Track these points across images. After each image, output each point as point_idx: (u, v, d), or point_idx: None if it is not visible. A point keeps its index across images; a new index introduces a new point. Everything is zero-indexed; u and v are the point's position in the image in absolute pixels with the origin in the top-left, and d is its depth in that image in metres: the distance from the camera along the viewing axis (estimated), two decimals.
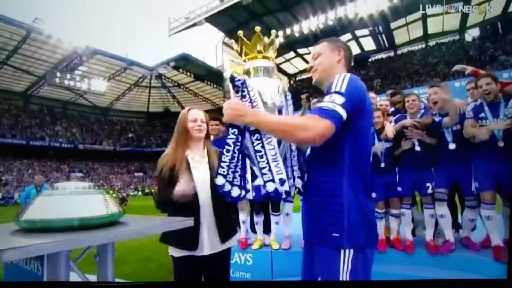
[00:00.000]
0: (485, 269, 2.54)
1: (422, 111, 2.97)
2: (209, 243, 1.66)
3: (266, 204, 3.56)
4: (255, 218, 3.56)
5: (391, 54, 30.10)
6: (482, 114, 2.55)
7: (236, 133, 1.16)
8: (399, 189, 3.00)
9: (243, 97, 1.16)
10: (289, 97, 1.30)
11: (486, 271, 2.52)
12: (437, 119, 2.88)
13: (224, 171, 1.14)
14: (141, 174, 34.31)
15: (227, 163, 1.14)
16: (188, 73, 32.03)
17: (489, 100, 2.53)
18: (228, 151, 1.15)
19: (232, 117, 1.12)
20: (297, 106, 1.59)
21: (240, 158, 1.18)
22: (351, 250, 1.11)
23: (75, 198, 1.23)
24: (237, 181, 1.17)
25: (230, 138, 1.16)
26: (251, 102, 1.16)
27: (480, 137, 2.46)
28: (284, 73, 35.55)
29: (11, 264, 1.40)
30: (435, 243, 2.90)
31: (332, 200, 1.15)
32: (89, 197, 1.26)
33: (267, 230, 3.63)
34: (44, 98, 33.15)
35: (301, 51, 31.59)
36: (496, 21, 22.15)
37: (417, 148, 2.86)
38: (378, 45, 29.69)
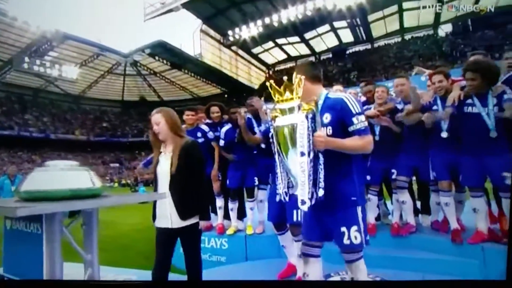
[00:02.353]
0: (442, 248, 2.74)
1: (388, 101, 3.07)
2: (172, 218, 2.07)
3: (241, 191, 3.60)
4: (230, 205, 3.59)
5: (368, 46, 30.66)
6: (435, 107, 2.70)
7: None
8: (368, 177, 3.08)
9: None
10: (316, 116, 1.64)
11: (443, 251, 2.72)
12: (400, 106, 2.98)
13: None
14: (117, 165, 33.27)
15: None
16: (165, 61, 31.15)
17: (441, 95, 2.70)
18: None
19: (320, 144, 1.55)
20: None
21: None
22: (360, 206, 1.71)
23: (65, 173, 1.52)
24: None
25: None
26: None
27: (428, 122, 2.64)
28: (263, 63, 35.46)
29: (12, 229, 1.68)
30: (399, 225, 3.06)
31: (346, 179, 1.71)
32: (77, 172, 1.57)
33: (240, 216, 3.68)
34: (12, 85, 31.14)
35: (280, 41, 31.53)
36: (466, 18, 23.03)
37: (376, 138, 2.95)
38: (356, 37, 30.13)
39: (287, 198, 1.69)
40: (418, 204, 3.31)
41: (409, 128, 2.86)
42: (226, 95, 33.90)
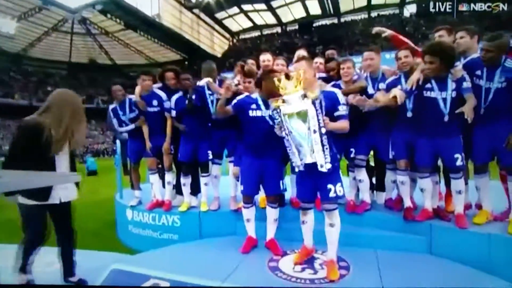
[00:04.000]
0: (393, 225, 2.81)
1: (356, 77, 2.93)
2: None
3: (194, 166, 3.37)
4: (183, 180, 3.37)
5: (335, 21, 30.67)
6: (399, 87, 2.63)
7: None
8: None
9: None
10: (317, 102, 2.03)
11: (394, 228, 2.79)
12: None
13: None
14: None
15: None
16: (118, 20, 28.45)
17: (406, 70, 2.68)
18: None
19: (327, 125, 2.09)
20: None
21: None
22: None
23: None
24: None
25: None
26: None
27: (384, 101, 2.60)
28: (227, 30, 34.04)
29: None
30: (355, 203, 3.08)
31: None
32: None
33: (194, 191, 3.46)
34: None
35: (246, 7, 30.23)
36: (429, 1, 23.67)
37: None
38: (323, 10, 29.88)
39: (301, 168, 2.14)
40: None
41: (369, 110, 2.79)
42: (186, 62, 32.28)
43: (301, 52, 3.21)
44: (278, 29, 34.41)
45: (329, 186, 2.21)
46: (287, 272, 2.34)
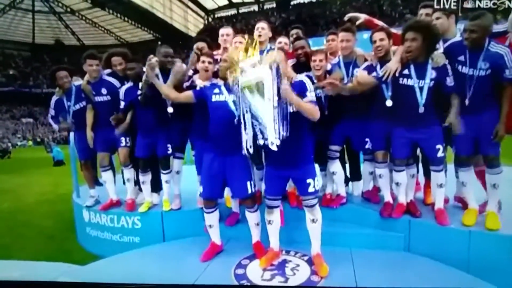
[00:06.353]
0: (370, 221, 2.65)
1: (329, 67, 2.62)
2: None
3: (154, 161, 3.03)
4: (141, 177, 3.06)
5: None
6: (374, 74, 2.39)
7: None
8: None
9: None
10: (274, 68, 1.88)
11: (371, 223, 2.64)
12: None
13: None
14: (31, 120, 28.77)
15: None
16: None
17: (380, 55, 2.42)
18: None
19: (284, 92, 1.93)
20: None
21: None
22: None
23: None
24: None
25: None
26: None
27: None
28: (201, 7, 32.56)
29: None
30: (332, 196, 2.88)
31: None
32: None
33: (155, 189, 3.16)
34: None
35: None
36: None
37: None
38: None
39: (251, 151, 2.04)
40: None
41: (344, 96, 2.53)
42: (159, 42, 30.79)
43: (262, 24, 3.00)
44: (255, 7, 33.35)
45: (308, 180, 2.12)
46: (254, 281, 2.12)
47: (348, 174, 3.07)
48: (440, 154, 2.27)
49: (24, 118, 28.86)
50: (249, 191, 2.32)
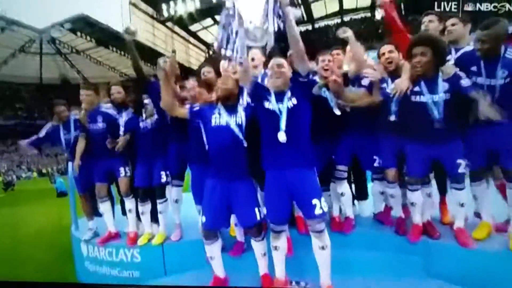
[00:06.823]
0: (384, 244, 2.45)
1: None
2: None
3: (152, 190, 2.90)
4: (141, 208, 2.94)
5: (309, 27, 31.04)
6: (384, 84, 2.32)
7: None
8: None
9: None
10: None
11: (384, 246, 2.44)
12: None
13: None
14: (35, 151, 28.89)
15: None
16: (89, 38, 27.60)
17: (390, 70, 2.31)
18: None
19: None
20: None
21: None
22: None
23: None
24: None
25: None
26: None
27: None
28: (202, 42, 33.71)
29: None
30: (340, 219, 2.70)
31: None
32: None
33: (155, 219, 3.01)
34: None
35: (220, 18, 30.07)
36: (399, 3, 24.34)
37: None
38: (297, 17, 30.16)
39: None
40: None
41: (351, 111, 2.42)
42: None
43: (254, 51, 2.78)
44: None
45: (314, 201, 1.91)
46: None
47: (353, 191, 2.88)
48: (461, 169, 2.09)
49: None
50: (257, 218, 2.12)
